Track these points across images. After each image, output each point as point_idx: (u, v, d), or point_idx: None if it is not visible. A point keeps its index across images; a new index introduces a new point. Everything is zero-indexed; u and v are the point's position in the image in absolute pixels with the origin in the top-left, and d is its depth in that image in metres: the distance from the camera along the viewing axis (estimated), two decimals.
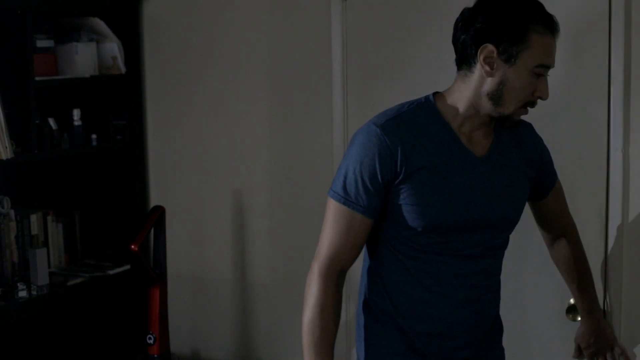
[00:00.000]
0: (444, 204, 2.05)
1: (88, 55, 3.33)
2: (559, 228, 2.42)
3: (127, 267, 3.43)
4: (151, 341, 3.24)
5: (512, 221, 2.18)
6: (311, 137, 3.16)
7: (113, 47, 3.38)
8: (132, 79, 3.45)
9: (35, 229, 3.35)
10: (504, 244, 2.21)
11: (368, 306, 2.19)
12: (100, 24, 3.37)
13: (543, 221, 2.41)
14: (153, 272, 3.25)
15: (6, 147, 3.00)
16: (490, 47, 1.99)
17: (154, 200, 3.56)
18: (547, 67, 2.03)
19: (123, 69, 3.41)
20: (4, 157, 3.01)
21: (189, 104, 3.44)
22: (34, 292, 3.15)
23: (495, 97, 2.02)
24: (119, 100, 3.47)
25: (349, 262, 2.11)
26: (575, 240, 2.44)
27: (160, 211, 3.27)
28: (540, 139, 2.28)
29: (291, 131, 3.22)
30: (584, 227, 2.66)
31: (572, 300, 2.68)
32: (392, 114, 2.08)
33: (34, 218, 3.34)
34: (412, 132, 2.05)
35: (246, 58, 3.28)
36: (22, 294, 3.12)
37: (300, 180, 3.21)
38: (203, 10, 3.36)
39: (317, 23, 3.09)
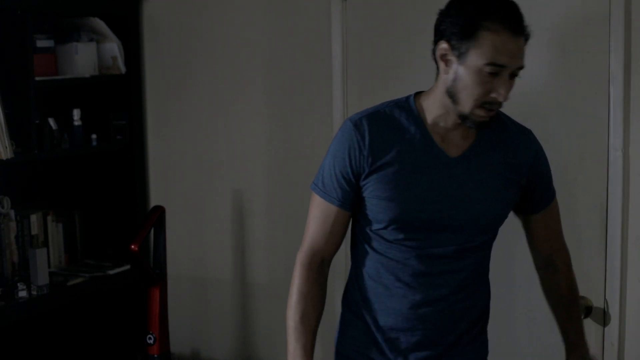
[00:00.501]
0: (408, 200, 2.08)
1: (88, 55, 3.33)
2: (548, 252, 2.30)
3: (127, 267, 3.43)
4: (151, 341, 3.24)
5: (484, 226, 2.14)
6: (311, 137, 3.16)
7: (113, 47, 3.39)
8: (132, 79, 3.45)
9: (35, 229, 3.35)
10: (482, 248, 2.17)
11: (346, 296, 2.27)
12: (100, 24, 3.37)
13: (531, 240, 2.30)
14: (153, 272, 3.25)
15: (6, 147, 3.00)
16: (444, 43, 2.01)
17: (154, 200, 3.56)
18: (502, 66, 1.95)
19: (123, 69, 3.41)
20: (4, 157, 3.01)
21: (189, 104, 3.44)
22: (34, 292, 3.15)
23: (452, 94, 2.04)
24: (119, 100, 3.47)
25: (328, 252, 2.21)
26: (566, 270, 2.31)
27: (160, 211, 3.27)
28: (538, 149, 2.20)
29: (291, 131, 3.22)
30: (584, 227, 2.67)
31: None
32: (369, 111, 2.14)
33: (34, 218, 3.34)
34: (384, 129, 2.10)
35: (246, 58, 3.28)
36: (22, 294, 3.12)
37: (300, 180, 3.20)
38: (203, 10, 3.36)
39: (317, 23, 3.09)
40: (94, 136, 3.39)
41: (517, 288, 2.82)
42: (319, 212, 2.19)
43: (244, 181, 3.35)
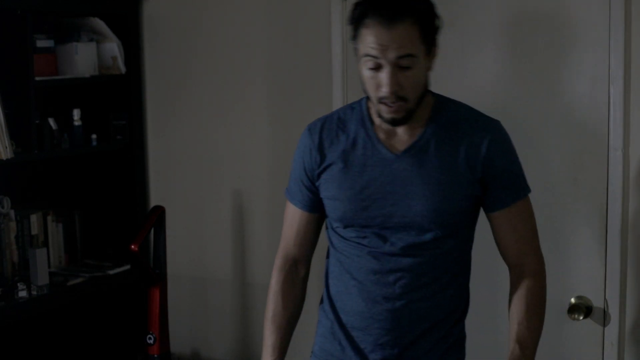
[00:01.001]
0: (351, 199, 2.12)
1: (88, 55, 3.33)
2: (515, 256, 2.16)
3: (127, 267, 3.43)
4: (151, 341, 3.24)
5: (432, 222, 2.08)
6: None
7: (113, 47, 3.38)
8: (132, 79, 3.45)
9: (35, 229, 3.35)
10: (436, 245, 2.10)
11: (321, 295, 2.31)
12: (100, 24, 3.37)
13: (497, 241, 2.19)
14: (153, 272, 3.25)
15: (6, 147, 3.00)
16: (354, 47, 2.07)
17: (154, 200, 3.56)
18: (375, 57, 1.97)
19: (123, 69, 3.41)
20: (4, 157, 3.00)
21: (189, 104, 3.44)
22: (34, 292, 3.15)
23: (365, 93, 2.10)
24: (119, 100, 3.47)
25: (300, 254, 2.29)
26: (532, 279, 2.14)
27: (160, 211, 3.27)
28: (495, 142, 2.09)
29: (291, 131, 3.21)
30: (584, 227, 2.67)
31: (573, 300, 2.69)
32: (325, 116, 2.24)
33: (34, 218, 3.34)
34: (333, 130, 2.18)
35: (246, 58, 3.28)
36: (22, 294, 3.12)
37: None
38: (203, 10, 3.36)
39: (317, 23, 3.09)
40: (94, 136, 3.39)
41: None
42: (289, 216, 2.29)
43: (244, 181, 3.35)
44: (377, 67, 1.98)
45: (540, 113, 2.70)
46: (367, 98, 2.13)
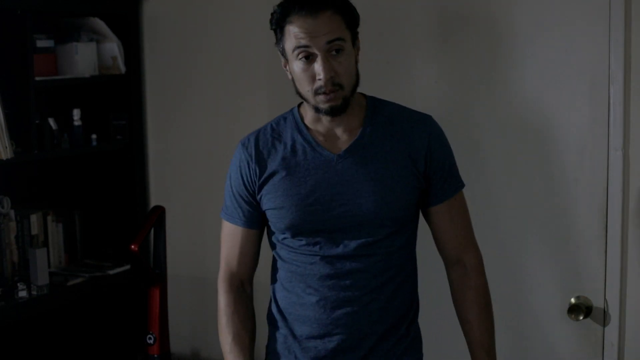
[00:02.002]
0: (297, 205, 2.10)
1: (88, 55, 3.33)
2: (455, 251, 2.19)
3: (127, 267, 3.43)
4: (151, 341, 3.24)
5: (382, 219, 2.08)
6: None
7: (113, 47, 3.38)
8: (132, 79, 3.45)
9: (35, 229, 3.35)
10: (389, 243, 2.11)
11: (268, 311, 2.30)
12: (100, 24, 3.37)
13: (436, 237, 2.21)
14: (153, 272, 3.25)
15: (6, 147, 3.00)
16: (279, 54, 2.11)
17: (154, 200, 3.56)
18: (306, 47, 2.02)
19: (123, 69, 3.41)
20: (4, 157, 3.00)
21: (189, 103, 3.44)
22: (34, 292, 3.15)
23: (297, 92, 2.12)
24: (119, 100, 3.47)
25: (245, 273, 2.26)
26: (476, 273, 2.18)
27: (160, 211, 3.27)
28: (433, 135, 2.14)
29: None
30: (584, 227, 2.67)
31: (573, 300, 2.68)
32: (255, 130, 2.23)
33: (34, 218, 3.34)
34: (269, 141, 2.18)
35: (246, 57, 3.28)
36: (22, 294, 3.11)
37: None
38: (203, 10, 3.36)
39: None
40: (94, 136, 3.39)
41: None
42: (227, 236, 2.25)
43: None
44: (309, 58, 2.03)
45: (540, 113, 2.70)
46: (299, 105, 2.19)
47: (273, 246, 2.23)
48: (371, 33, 2.13)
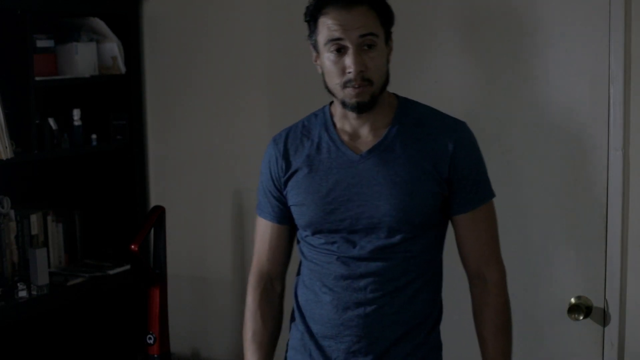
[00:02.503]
0: (317, 203, 2.10)
1: (88, 55, 3.33)
2: (477, 264, 2.15)
3: (127, 267, 3.43)
4: (151, 341, 3.24)
5: (401, 222, 2.06)
6: None
7: (113, 47, 3.38)
8: (132, 79, 3.45)
9: (35, 229, 3.35)
10: (406, 247, 2.09)
11: (292, 307, 2.29)
12: (100, 24, 3.37)
13: (459, 247, 2.17)
14: (153, 272, 3.25)
15: (6, 147, 3.00)
16: (311, 47, 2.12)
17: (154, 200, 3.55)
18: (338, 39, 2.01)
19: (123, 69, 3.41)
20: (4, 157, 3.00)
21: (189, 103, 3.44)
22: (34, 292, 3.15)
23: (327, 87, 2.12)
24: (119, 100, 3.47)
25: (275, 269, 2.27)
26: (496, 290, 2.14)
27: (160, 211, 3.27)
28: (461, 142, 2.10)
29: None
30: (584, 227, 2.67)
31: (573, 300, 2.68)
32: (288, 127, 2.25)
33: (34, 218, 3.34)
34: (298, 138, 2.20)
35: (247, 58, 3.28)
36: (22, 294, 3.12)
37: None
38: (203, 10, 3.36)
39: None
40: (94, 136, 3.39)
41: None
42: (260, 231, 2.27)
43: (244, 181, 3.34)
44: (341, 51, 2.02)
45: (540, 113, 2.70)
46: (330, 104, 2.19)
47: (298, 242, 2.25)
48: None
